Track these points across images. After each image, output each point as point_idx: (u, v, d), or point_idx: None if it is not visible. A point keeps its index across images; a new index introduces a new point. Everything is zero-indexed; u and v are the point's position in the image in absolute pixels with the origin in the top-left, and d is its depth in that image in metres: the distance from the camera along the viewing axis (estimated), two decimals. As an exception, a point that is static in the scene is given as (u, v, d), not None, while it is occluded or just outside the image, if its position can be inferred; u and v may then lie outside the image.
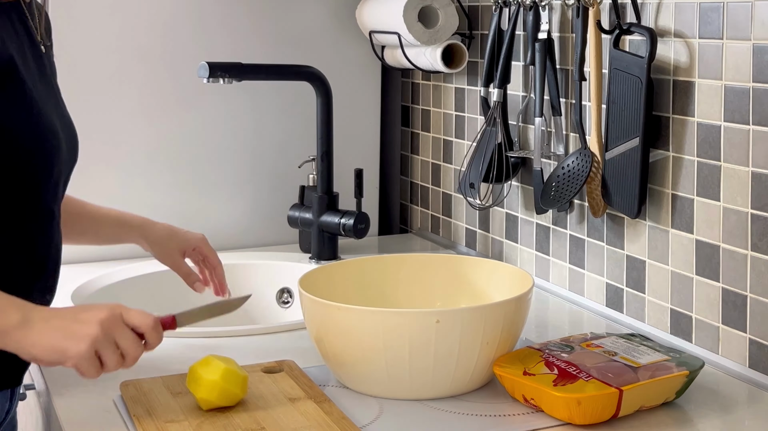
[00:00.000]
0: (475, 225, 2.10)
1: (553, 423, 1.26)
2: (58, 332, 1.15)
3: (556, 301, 1.80)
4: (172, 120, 2.14)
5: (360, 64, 2.29)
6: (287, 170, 2.22)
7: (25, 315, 1.15)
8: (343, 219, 2.03)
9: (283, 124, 2.24)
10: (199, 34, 2.14)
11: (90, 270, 1.96)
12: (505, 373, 1.31)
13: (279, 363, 1.44)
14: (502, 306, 1.34)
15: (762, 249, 1.39)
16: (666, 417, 1.28)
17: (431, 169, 2.26)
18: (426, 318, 1.30)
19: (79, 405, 1.33)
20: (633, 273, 1.64)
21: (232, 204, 2.21)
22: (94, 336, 1.16)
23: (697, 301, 1.51)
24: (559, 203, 1.71)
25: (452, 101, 2.15)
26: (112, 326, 1.18)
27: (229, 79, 1.92)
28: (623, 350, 1.34)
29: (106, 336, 1.17)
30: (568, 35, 1.77)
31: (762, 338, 1.40)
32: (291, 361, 1.44)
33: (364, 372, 1.34)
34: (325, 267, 1.55)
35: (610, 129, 1.61)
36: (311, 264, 2.04)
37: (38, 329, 1.15)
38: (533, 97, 1.80)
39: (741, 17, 1.40)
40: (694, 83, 1.49)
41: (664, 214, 1.57)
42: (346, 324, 1.32)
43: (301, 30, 2.23)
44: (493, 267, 1.56)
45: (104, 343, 1.17)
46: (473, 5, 2.06)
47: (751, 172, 1.40)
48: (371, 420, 1.28)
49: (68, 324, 1.16)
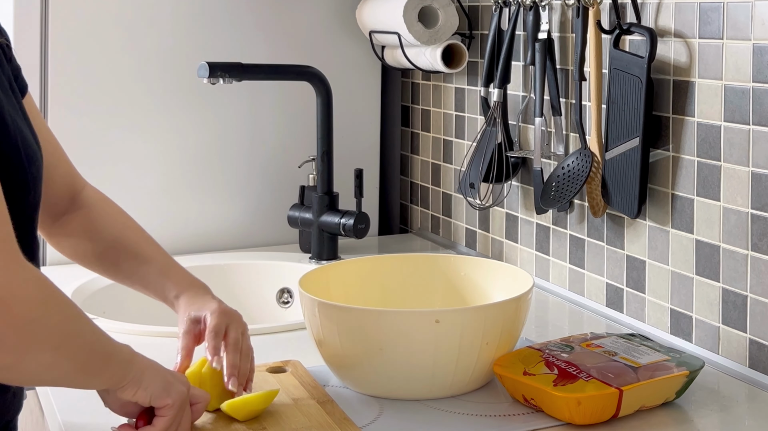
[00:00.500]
0: (475, 225, 2.10)
1: (553, 423, 1.26)
2: (159, 370, 1.18)
3: (556, 301, 1.80)
4: (172, 120, 2.14)
5: (360, 64, 2.29)
6: (287, 170, 2.22)
7: (130, 347, 1.16)
8: (343, 219, 2.03)
9: (283, 124, 2.24)
10: (199, 34, 2.14)
11: (90, 271, 1.95)
12: (505, 373, 1.31)
13: (284, 362, 1.44)
14: (502, 306, 1.34)
15: (762, 249, 1.39)
16: (666, 417, 1.28)
17: (431, 169, 2.26)
18: (426, 318, 1.30)
19: (79, 405, 1.33)
20: (633, 273, 1.64)
21: (232, 204, 2.21)
22: (185, 392, 1.19)
23: (697, 301, 1.51)
24: (559, 203, 1.71)
25: (452, 101, 2.15)
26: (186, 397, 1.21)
27: (229, 79, 1.92)
28: (623, 350, 1.34)
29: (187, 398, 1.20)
30: (568, 35, 1.77)
31: (762, 338, 1.40)
32: (296, 361, 1.44)
33: (364, 372, 1.34)
34: (325, 267, 1.54)
35: (610, 129, 1.61)
36: (311, 264, 2.04)
37: (143, 358, 1.17)
38: (533, 97, 1.80)
39: (741, 17, 1.40)
40: (694, 83, 1.49)
41: (664, 213, 1.57)
42: (346, 324, 1.32)
43: (301, 30, 2.23)
44: (493, 267, 1.56)
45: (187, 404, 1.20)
46: (473, 5, 2.06)
47: (751, 172, 1.40)
48: (371, 420, 1.28)
49: (164, 370, 1.19)
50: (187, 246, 2.15)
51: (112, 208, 1.45)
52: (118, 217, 1.44)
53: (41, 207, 1.40)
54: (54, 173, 1.39)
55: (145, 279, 1.41)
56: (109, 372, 1.12)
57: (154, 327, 1.63)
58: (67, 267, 2.03)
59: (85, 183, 1.46)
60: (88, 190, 1.45)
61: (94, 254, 1.42)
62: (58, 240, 1.44)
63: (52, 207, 1.41)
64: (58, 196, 1.41)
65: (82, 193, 1.44)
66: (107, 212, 1.44)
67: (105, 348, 1.11)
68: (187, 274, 1.41)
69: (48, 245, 2.04)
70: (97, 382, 1.13)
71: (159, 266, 1.40)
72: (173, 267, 1.41)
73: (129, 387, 1.14)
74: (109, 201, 1.46)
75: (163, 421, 1.17)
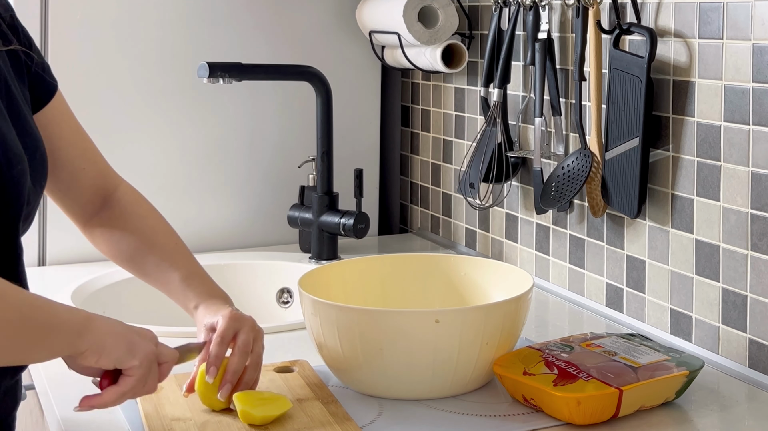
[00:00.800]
0: (475, 225, 2.10)
1: (553, 423, 1.26)
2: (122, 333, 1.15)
3: (556, 301, 1.80)
4: (172, 120, 2.14)
5: (360, 64, 2.29)
6: (287, 170, 2.22)
7: (88, 314, 1.14)
8: (343, 219, 2.03)
9: (283, 124, 2.24)
10: (199, 34, 2.14)
11: (90, 270, 1.96)
12: (505, 373, 1.31)
13: (292, 362, 1.44)
14: (502, 306, 1.34)
15: (762, 249, 1.39)
16: (666, 417, 1.28)
17: (431, 169, 2.26)
18: (426, 318, 1.30)
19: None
20: (633, 273, 1.64)
21: (232, 204, 2.21)
22: (153, 351, 1.17)
23: (697, 301, 1.51)
24: (559, 203, 1.71)
25: (452, 101, 2.15)
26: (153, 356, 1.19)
27: (229, 79, 1.92)
28: (623, 350, 1.34)
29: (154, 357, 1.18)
30: (568, 35, 1.77)
31: (762, 338, 1.40)
32: (304, 361, 1.44)
33: (364, 372, 1.34)
34: (325, 267, 1.55)
35: (610, 129, 1.61)
36: (311, 264, 2.04)
37: (104, 323, 1.14)
38: (533, 97, 1.80)
39: (741, 17, 1.40)
40: (694, 83, 1.49)
41: (664, 213, 1.57)
42: (345, 324, 1.32)
43: (301, 30, 2.23)
44: (493, 267, 1.56)
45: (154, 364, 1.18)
46: (473, 5, 2.06)
47: (751, 172, 1.40)
48: (371, 420, 1.28)
49: (128, 333, 1.16)
50: (187, 246, 2.15)
51: (143, 209, 1.43)
52: (148, 220, 1.42)
53: (75, 204, 1.39)
54: (82, 175, 1.38)
55: (168, 287, 1.39)
56: (49, 345, 1.09)
57: (154, 328, 1.62)
58: (68, 267, 2.04)
59: (119, 182, 1.43)
60: (121, 190, 1.43)
61: (123, 256, 1.41)
62: (92, 239, 1.42)
63: (83, 207, 1.40)
64: (87, 198, 1.39)
65: (115, 192, 1.42)
66: (137, 214, 1.41)
67: (42, 322, 1.08)
68: (209, 284, 1.38)
69: (48, 245, 2.06)
70: (35, 357, 1.11)
71: (182, 274, 1.38)
72: (196, 276, 1.39)
73: (90, 355, 1.12)
74: (141, 202, 1.44)
75: (128, 380, 1.14)
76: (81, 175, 1.37)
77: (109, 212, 1.40)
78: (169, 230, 1.43)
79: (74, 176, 1.37)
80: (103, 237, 1.41)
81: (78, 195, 1.38)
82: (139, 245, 1.39)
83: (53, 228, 2.05)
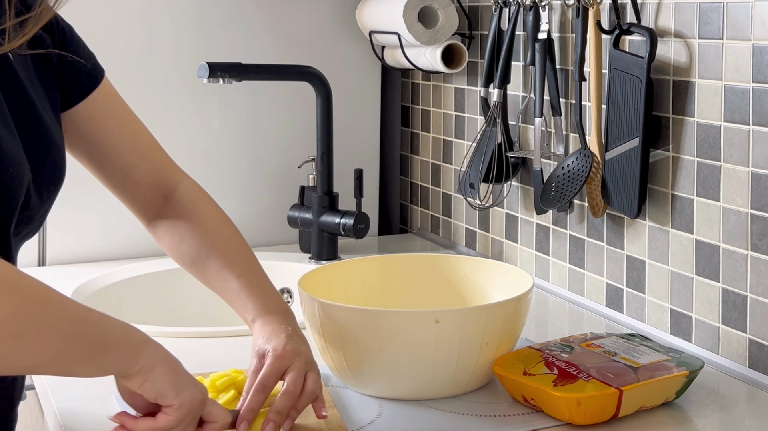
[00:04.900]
0: (475, 225, 2.10)
1: (553, 423, 1.26)
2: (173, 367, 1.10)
3: (556, 301, 1.80)
4: (172, 120, 2.14)
5: (360, 64, 2.29)
6: (287, 170, 2.22)
7: (146, 338, 1.09)
8: (343, 219, 2.03)
9: (283, 124, 2.24)
10: (199, 34, 2.14)
11: (90, 271, 1.96)
12: (505, 373, 1.31)
13: None
14: (502, 306, 1.34)
15: (762, 249, 1.39)
16: (666, 417, 1.28)
17: (431, 169, 2.26)
18: (426, 318, 1.30)
19: (79, 405, 1.33)
20: (633, 273, 1.64)
21: (232, 204, 2.21)
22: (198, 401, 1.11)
23: (697, 301, 1.51)
24: (559, 203, 1.71)
25: (452, 101, 2.15)
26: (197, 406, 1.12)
27: (229, 79, 1.92)
28: (623, 350, 1.34)
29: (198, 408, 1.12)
30: (568, 35, 1.77)
31: (762, 338, 1.40)
32: None
33: (364, 372, 1.34)
34: (325, 267, 1.55)
35: (610, 129, 1.61)
36: (311, 264, 2.04)
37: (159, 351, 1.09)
38: (533, 97, 1.81)
39: (741, 17, 1.40)
40: (694, 83, 1.49)
41: (664, 214, 1.57)
42: (345, 324, 1.32)
43: (301, 30, 2.23)
44: (493, 267, 1.56)
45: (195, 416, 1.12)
46: (473, 5, 2.06)
47: (751, 172, 1.40)
48: (371, 420, 1.28)
49: (180, 370, 1.10)
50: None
51: (204, 210, 1.36)
52: (208, 224, 1.35)
53: (134, 201, 1.34)
54: (134, 171, 1.32)
55: (227, 297, 1.32)
56: (103, 361, 1.05)
57: (154, 328, 1.63)
58: (68, 267, 2.04)
59: (181, 179, 1.37)
60: (182, 188, 1.36)
61: (185, 260, 1.35)
62: (156, 238, 1.37)
63: (142, 206, 1.35)
64: (144, 195, 1.34)
65: (175, 191, 1.36)
66: (197, 216, 1.35)
67: (99, 337, 1.04)
68: (269, 297, 1.31)
69: (48, 245, 2.06)
70: (86, 371, 1.06)
71: (242, 284, 1.31)
72: (257, 286, 1.31)
73: (136, 377, 1.07)
74: (203, 202, 1.37)
75: (164, 419, 1.09)
76: (133, 171, 1.32)
77: (171, 212, 1.34)
78: (230, 233, 1.35)
79: (125, 172, 1.32)
80: (164, 239, 1.36)
81: (134, 192, 1.33)
82: (200, 249, 1.33)
83: (53, 229, 2.05)
